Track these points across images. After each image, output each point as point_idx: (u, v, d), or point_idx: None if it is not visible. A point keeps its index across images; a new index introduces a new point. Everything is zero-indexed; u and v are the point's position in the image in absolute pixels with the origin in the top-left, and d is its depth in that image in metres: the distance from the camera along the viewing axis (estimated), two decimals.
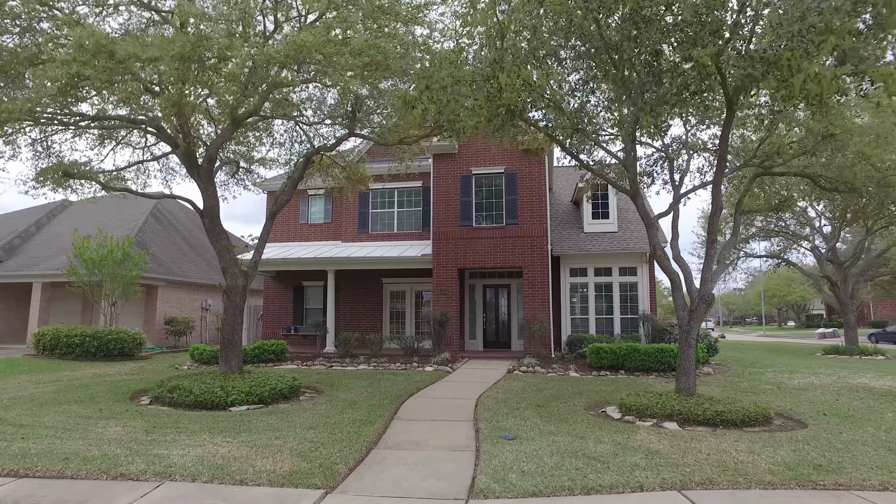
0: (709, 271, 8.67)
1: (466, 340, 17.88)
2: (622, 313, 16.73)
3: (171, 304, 22.47)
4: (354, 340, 16.18)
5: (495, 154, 16.65)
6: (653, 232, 9.05)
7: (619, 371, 13.46)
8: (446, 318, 15.68)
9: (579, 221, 18.77)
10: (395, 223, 19.14)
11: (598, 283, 16.97)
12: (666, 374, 13.07)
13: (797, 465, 5.54)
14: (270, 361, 15.60)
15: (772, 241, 27.50)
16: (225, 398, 9.14)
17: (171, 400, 9.27)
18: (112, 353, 16.07)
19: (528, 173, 16.35)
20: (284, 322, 20.23)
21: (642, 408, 8.25)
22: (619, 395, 10.05)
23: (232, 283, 10.75)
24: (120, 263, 17.61)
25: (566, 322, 16.87)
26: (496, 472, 5.49)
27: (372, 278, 19.04)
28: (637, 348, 13.47)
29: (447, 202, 16.77)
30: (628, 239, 17.20)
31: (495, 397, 9.88)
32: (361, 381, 11.79)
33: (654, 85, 6.94)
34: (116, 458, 5.65)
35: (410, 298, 18.95)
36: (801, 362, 16.76)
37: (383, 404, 9.27)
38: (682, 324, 8.89)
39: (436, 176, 17.02)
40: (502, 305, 18.15)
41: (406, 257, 16.80)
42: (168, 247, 24.48)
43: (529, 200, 16.23)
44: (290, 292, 20.43)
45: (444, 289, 16.37)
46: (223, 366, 10.55)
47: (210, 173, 10.68)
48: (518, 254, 16.08)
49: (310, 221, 20.57)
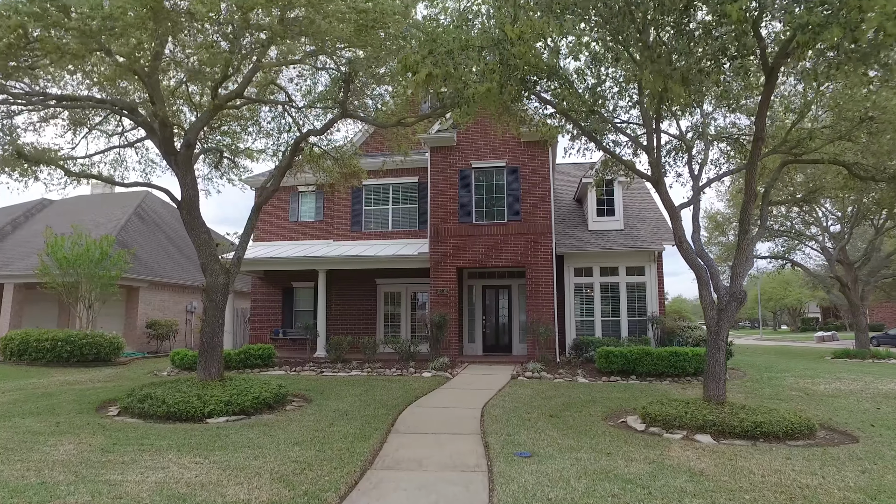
0: (741, 265, 7.81)
1: (465, 344, 16.96)
2: (629, 315, 15.87)
3: (154, 307, 21.38)
4: (346, 344, 15.21)
5: (496, 147, 15.78)
6: (677, 223, 8.18)
7: (630, 376, 12.60)
8: (444, 321, 14.75)
9: (583, 219, 17.93)
10: (390, 221, 18.21)
11: (604, 284, 16.11)
12: (680, 380, 12.22)
13: (878, 492, 4.65)
14: (257, 367, 14.61)
15: (775, 241, 26.85)
16: (202, 409, 8.18)
17: (141, 411, 8.29)
18: (87, 358, 15.00)
19: (531, 167, 15.48)
20: (273, 325, 19.23)
21: (669, 418, 7.37)
22: (638, 403, 9.19)
23: (212, 282, 9.78)
24: (97, 263, 16.55)
25: (571, 324, 15.99)
26: (517, 501, 4.57)
27: (365, 279, 18.09)
28: (649, 352, 12.60)
29: (445, 198, 15.87)
30: (635, 237, 16.37)
31: (502, 406, 8.97)
32: (354, 389, 10.84)
33: (685, 49, 6.07)
34: (56, 486, 4.65)
35: (406, 300, 18.01)
36: (817, 366, 15.96)
37: (378, 415, 8.34)
38: (710, 324, 8.03)
39: (433, 170, 16.12)
40: (503, 307, 17.24)
41: (401, 256, 15.88)
42: (152, 246, 23.40)
43: (532, 196, 15.35)
44: (279, 294, 19.43)
45: (442, 289, 15.45)
46: (202, 372, 9.57)
47: (188, 160, 9.72)
48: (521, 252, 15.19)
49: (300, 219, 19.59)
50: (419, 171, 17.75)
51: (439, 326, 14.66)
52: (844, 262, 20.57)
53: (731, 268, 8.02)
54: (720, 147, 11.44)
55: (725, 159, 11.50)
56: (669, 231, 16.62)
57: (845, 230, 20.44)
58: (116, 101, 9.21)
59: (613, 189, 17.12)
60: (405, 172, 18.02)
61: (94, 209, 26.09)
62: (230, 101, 9.88)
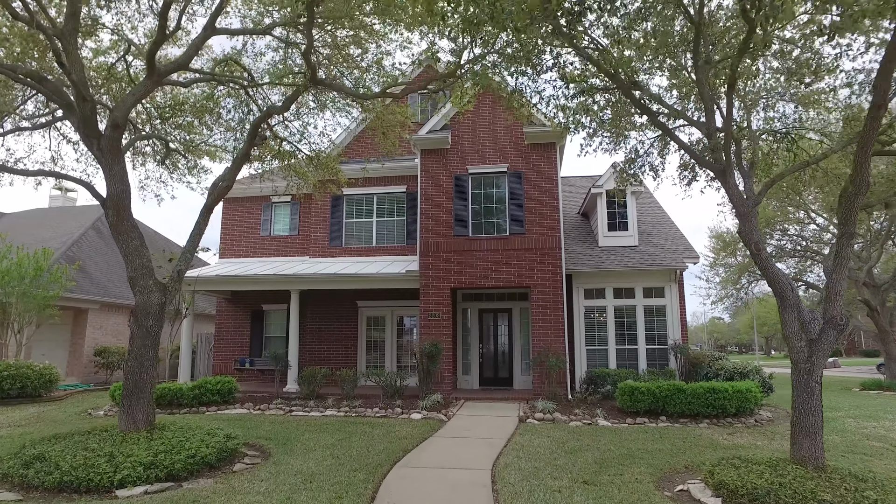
0: (840, 281, 5.84)
1: (460, 377, 14.79)
2: (648, 343, 13.87)
3: (107, 332, 18.90)
4: (322, 377, 12.98)
5: (496, 149, 13.87)
6: (751, 224, 6.23)
7: (658, 417, 10.56)
8: (437, 350, 12.58)
9: (591, 234, 16.03)
10: (374, 235, 16.13)
11: (619, 307, 14.12)
12: (720, 422, 10.20)
13: None
14: (214, 404, 12.30)
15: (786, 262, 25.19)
16: (111, 475, 5.95)
17: (24, 480, 6.02)
18: (9, 394, 12.54)
19: (537, 172, 13.57)
20: (240, 353, 16.90)
21: (756, 492, 5.30)
22: (691, 459, 7.15)
23: (143, 301, 7.60)
24: (32, 280, 14.19)
25: (581, 354, 13.92)
26: None
27: (345, 301, 15.91)
28: (681, 388, 10.58)
29: (438, 208, 13.86)
30: (652, 254, 14.47)
31: (519, 468, 6.83)
32: (327, 437, 8.62)
33: None
34: None
35: (391, 325, 15.83)
36: (860, 402, 14.01)
37: (355, 481, 6.17)
38: (797, 359, 6.03)
39: (424, 176, 14.14)
40: (502, 334, 15.13)
41: (386, 274, 13.78)
42: (109, 264, 20.97)
43: (538, 205, 13.41)
44: (248, 318, 17.14)
45: (434, 313, 13.33)
46: (124, 420, 7.34)
47: (116, 146, 7.60)
48: (525, 270, 13.17)
49: (273, 233, 17.43)
50: (408, 179, 15.79)
51: (431, 357, 12.51)
52: (870, 285, 18.86)
53: (824, 287, 6.02)
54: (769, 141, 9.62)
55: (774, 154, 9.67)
56: (689, 247, 14.76)
57: (871, 251, 18.77)
58: (16, 67, 7.11)
59: (626, 201, 15.27)
60: (392, 181, 16.05)
61: (48, 222, 23.67)
62: (173, 72, 7.84)
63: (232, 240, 17.57)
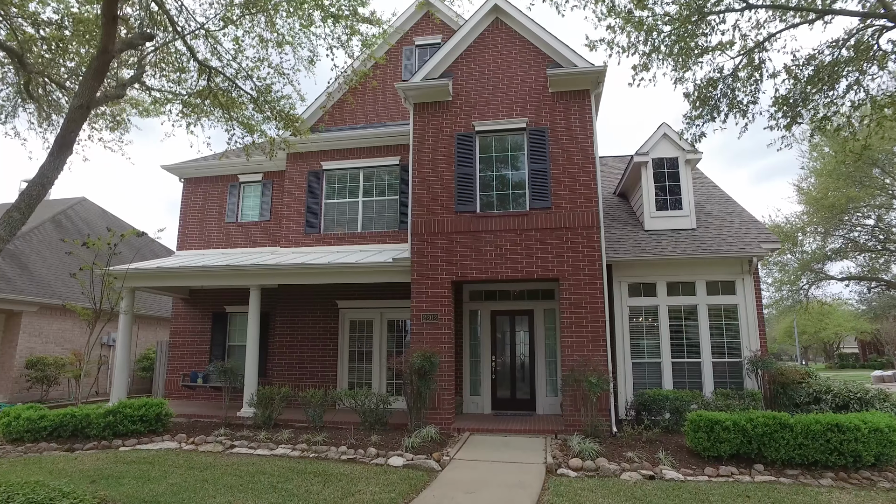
0: None
1: (466, 398, 11.46)
2: (714, 355, 10.44)
3: (48, 339, 15.91)
4: (281, 399, 9.78)
5: (512, 99, 10.59)
6: None
7: (752, 466, 7.16)
8: (432, 365, 9.24)
9: (633, 217, 12.65)
10: (360, 219, 12.91)
11: (674, 307, 10.71)
12: (852, 476, 6.77)
13: None
14: (135, 435, 9.21)
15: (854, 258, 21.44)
16: None
17: None
18: None
19: (566, 128, 10.25)
20: (199, 365, 13.78)
21: None
22: None
23: None
24: None
25: (626, 369, 10.53)
26: None
27: (322, 300, 12.70)
28: (785, 423, 7.17)
29: (435, 176, 10.62)
30: (716, 238, 11.06)
31: None
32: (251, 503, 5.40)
33: None
34: None
35: (381, 331, 12.56)
36: None
37: None
38: None
39: (418, 136, 10.89)
40: (521, 342, 11.76)
41: (367, 265, 10.57)
42: (63, 260, 18.04)
43: (569, 171, 10.08)
44: (209, 322, 14.03)
45: (429, 314, 10.05)
46: None
47: None
48: (552, 256, 9.83)
49: (240, 219, 14.33)
50: (401, 149, 12.60)
51: (422, 374, 9.17)
52: None
53: None
54: None
55: None
56: (764, 230, 11.35)
57: None
58: None
59: (678, 172, 11.88)
60: (382, 151, 12.87)
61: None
62: None
63: (192, 228, 14.52)
